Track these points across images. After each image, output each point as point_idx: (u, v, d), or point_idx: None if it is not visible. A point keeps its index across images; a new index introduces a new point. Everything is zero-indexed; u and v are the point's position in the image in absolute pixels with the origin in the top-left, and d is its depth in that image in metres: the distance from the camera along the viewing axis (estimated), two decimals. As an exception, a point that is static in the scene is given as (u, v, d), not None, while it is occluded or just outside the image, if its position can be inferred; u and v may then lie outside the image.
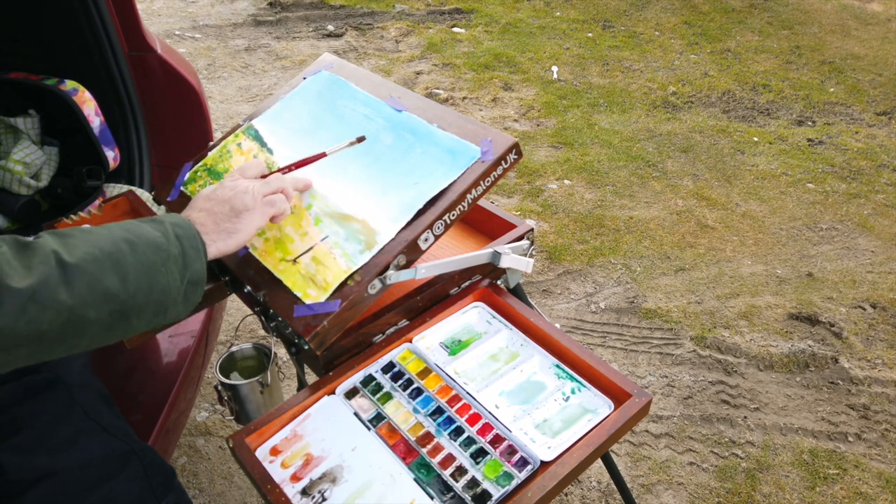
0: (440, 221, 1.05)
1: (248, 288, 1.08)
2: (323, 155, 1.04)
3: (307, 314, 1.00)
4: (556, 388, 0.99)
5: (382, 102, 1.24)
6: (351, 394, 1.01)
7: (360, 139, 1.14)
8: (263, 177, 1.05)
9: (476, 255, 1.11)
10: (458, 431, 0.94)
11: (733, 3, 5.34)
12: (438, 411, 0.97)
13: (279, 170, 1.11)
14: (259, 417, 0.97)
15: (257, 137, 1.30)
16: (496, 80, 4.13)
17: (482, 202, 1.30)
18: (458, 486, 0.87)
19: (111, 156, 1.64)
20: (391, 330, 1.10)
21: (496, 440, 0.93)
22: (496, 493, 0.86)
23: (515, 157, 1.10)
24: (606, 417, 0.94)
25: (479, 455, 0.91)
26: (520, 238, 1.23)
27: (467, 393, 0.99)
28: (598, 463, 1.78)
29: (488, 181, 1.08)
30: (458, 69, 4.26)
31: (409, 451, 0.92)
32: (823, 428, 2.07)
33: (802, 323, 2.46)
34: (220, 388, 1.25)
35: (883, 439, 2.03)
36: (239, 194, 0.96)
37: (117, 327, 0.81)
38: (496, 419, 0.95)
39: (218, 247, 0.94)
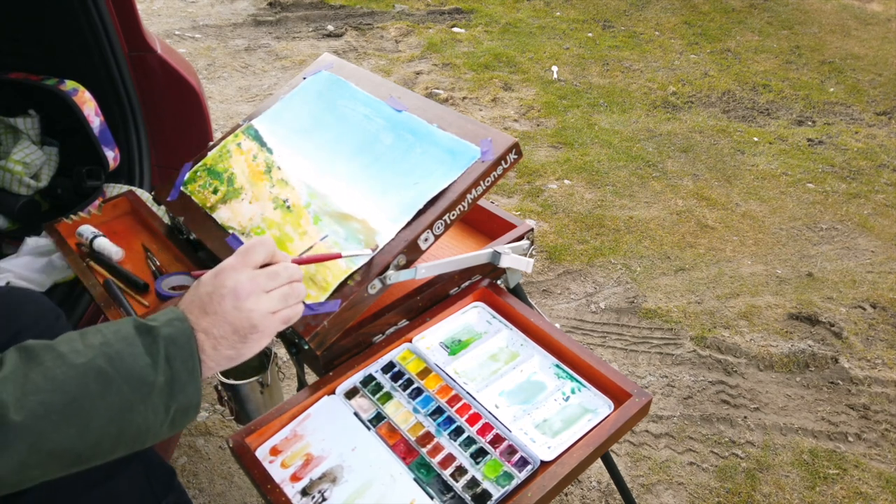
0: (440, 221, 1.05)
1: (248, 288, 1.08)
2: (338, 255, 0.94)
3: (307, 314, 1.00)
4: (556, 388, 0.99)
5: (382, 102, 1.24)
6: (351, 394, 1.01)
7: (374, 249, 1.05)
8: (265, 265, 0.83)
9: (476, 255, 1.11)
10: (458, 431, 0.94)
11: (733, 3, 5.33)
12: (438, 411, 0.97)
13: (296, 259, 0.88)
14: (259, 417, 0.97)
15: (257, 137, 1.30)
16: (496, 80, 4.13)
17: (482, 202, 1.30)
18: (458, 485, 0.87)
19: (111, 156, 1.64)
20: (391, 330, 1.10)
21: (496, 440, 0.93)
22: (496, 492, 0.86)
23: (515, 157, 1.10)
24: (606, 417, 0.94)
25: (479, 455, 0.91)
26: (520, 238, 1.23)
27: (467, 393, 0.99)
28: (598, 463, 1.77)
29: (488, 181, 1.08)
30: (457, 69, 4.26)
31: (409, 451, 0.92)
32: (823, 428, 2.07)
33: (802, 323, 2.45)
34: (220, 388, 1.25)
35: (883, 439, 2.03)
36: (245, 315, 0.78)
37: (73, 470, 0.72)
38: (496, 419, 0.95)
39: (215, 369, 0.81)
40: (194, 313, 0.78)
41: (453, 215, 1.06)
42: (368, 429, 0.96)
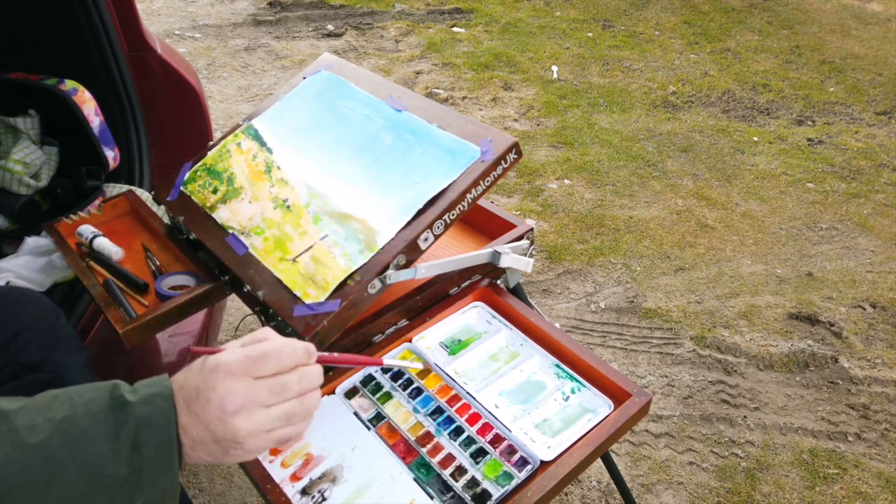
0: (440, 221, 1.05)
1: (248, 287, 1.08)
2: (380, 362, 0.86)
3: (307, 314, 1.00)
4: (555, 388, 0.99)
5: (382, 102, 1.24)
6: (351, 393, 1.01)
7: (426, 370, 1.02)
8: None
9: (476, 254, 1.11)
10: (458, 431, 0.94)
11: (733, 2, 5.33)
12: (438, 411, 0.97)
13: (327, 358, 0.76)
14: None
15: (257, 137, 1.30)
16: (496, 80, 4.13)
17: (482, 202, 1.30)
18: (458, 485, 0.87)
19: (111, 156, 1.63)
20: (391, 330, 1.10)
21: (496, 440, 0.93)
22: (496, 492, 0.86)
23: (515, 156, 1.10)
24: (606, 417, 0.94)
25: (478, 455, 0.91)
26: (520, 238, 1.23)
27: (467, 393, 0.99)
28: (598, 463, 1.77)
29: (488, 181, 1.08)
30: (457, 69, 4.26)
31: (408, 451, 0.92)
32: (823, 428, 2.07)
33: (802, 323, 2.45)
34: (220, 387, 1.25)
35: (883, 439, 2.03)
36: (229, 429, 0.65)
37: None
38: (496, 419, 0.95)
39: (190, 464, 0.68)
40: (179, 402, 0.66)
41: (453, 215, 1.06)
42: (368, 429, 0.96)
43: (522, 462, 0.89)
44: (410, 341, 1.08)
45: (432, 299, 1.13)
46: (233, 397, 0.64)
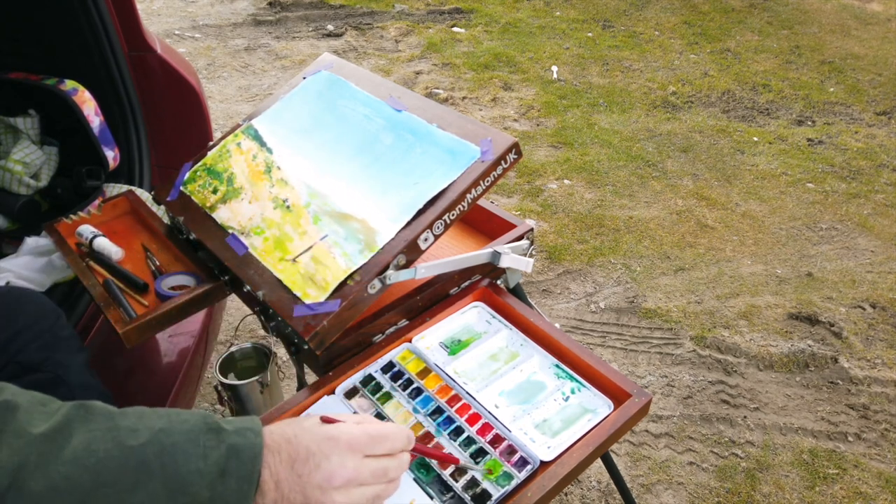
0: (440, 221, 1.05)
1: (248, 287, 1.08)
2: (456, 460, 0.85)
3: (307, 314, 1.00)
4: (555, 388, 0.99)
5: (382, 102, 1.24)
6: (351, 393, 1.01)
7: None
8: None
9: (476, 254, 1.11)
10: (458, 431, 0.94)
11: (733, 3, 5.33)
12: (438, 411, 0.97)
13: (420, 448, 0.79)
14: (259, 417, 0.97)
15: (257, 137, 1.30)
16: (496, 80, 4.13)
17: (482, 202, 1.30)
18: (458, 485, 0.87)
19: (111, 156, 1.63)
20: (391, 330, 1.10)
21: (496, 440, 0.93)
22: (496, 492, 0.86)
23: (515, 156, 1.10)
24: (606, 417, 0.94)
25: (478, 455, 0.91)
26: (519, 238, 1.23)
27: (467, 393, 0.99)
28: (598, 463, 1.77)
29: (488, 181, 1.08)
30: (457, 69, 4.26)
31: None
32: (823, 428, 2.07)
33: (802, 323, 2.46)
34: (220, 388, 1.25)
35: (883, 439, 2.03)
36: (326, 499, 0.66)
37: None
38: (496, 419, 0.95)
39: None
40: (282, 455, 0.66)
41: (453, 215, 1.06)
42: (368, 429, 0.96)
43: (522, 462, 0.89)
44: (410, 341, 1.08)
45: (432, 299, 1.13)
46: (343, 472, 0.66)
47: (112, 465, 0.60)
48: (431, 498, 0.86)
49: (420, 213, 1.05)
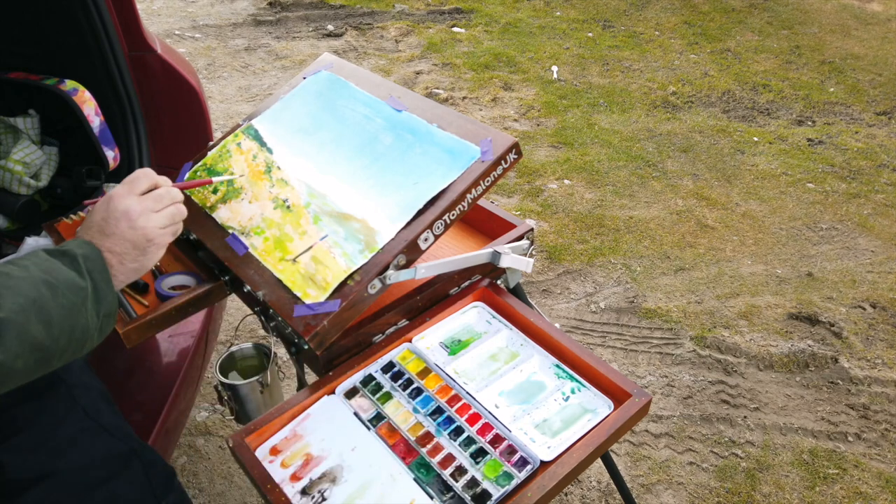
0: (440, 221, 1.05)
1: (248, 287, 1.08)
2: (209, 181, 1.08)
3: (307, 314, 1.00)
4: (555, 388, 0.99)
5: (382, 102, 1.24)
6: (351, 393, 1.01)
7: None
8: (148, 190, 0.98)
9: (476, 254, 1.11)
10: (458, 431, 0.94)
11: (733, 3, 5.33)
12: (438, 411, 0.97)
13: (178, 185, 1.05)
14: (259, 417, 0.97)
15: (257, 137, 1.30)
16: (496, 80, 4.13)
17: (482, 202, 1.30)
18: (458, 485, 0.87)
19: (111, 156, 1.63)
20: (391, 330, 1.10)
21: (496, 440, 0.93)
22: (496, 492, 0.86)
23: (515, 156, 1.10)
24: (606, 417, 0.94)
25: (478, 455, 0.91)
26: (519, 238, 1.23)
27: (467, 393, 0.99)
28: (598, 463, 1.78)
29: (488, 181, 1.08)
30: (457, 69, 4.26)
31: (408, 451, 0.92)
32: (823, 428, 2.07)
33: (802, 323, 2.46)
34: (220, 387, 1.25)
35: (883, 439, 2.03)
36: (139, 233, 0.93)
37: (39, 371, 0.82)
38: (496, 419, 0.95)
39: (125, 281, 0.94)
40: (96, 237, 0.91)
41: (453, 215, 1.06)
42: (368, 429, 0.96)
43: (522, 462, 0.89)
44: (410, 341, 1.08)
45: (432, 299, 1.13)
46: (132, 209, 0.93)
47: (29, 288, 0.80)
48: (431, 498, 0.86)
49: (420, 213, 1.05)
